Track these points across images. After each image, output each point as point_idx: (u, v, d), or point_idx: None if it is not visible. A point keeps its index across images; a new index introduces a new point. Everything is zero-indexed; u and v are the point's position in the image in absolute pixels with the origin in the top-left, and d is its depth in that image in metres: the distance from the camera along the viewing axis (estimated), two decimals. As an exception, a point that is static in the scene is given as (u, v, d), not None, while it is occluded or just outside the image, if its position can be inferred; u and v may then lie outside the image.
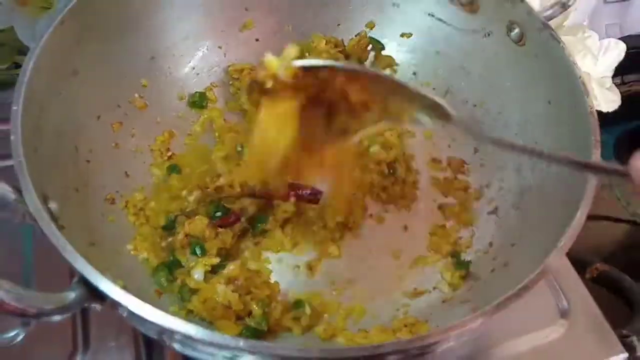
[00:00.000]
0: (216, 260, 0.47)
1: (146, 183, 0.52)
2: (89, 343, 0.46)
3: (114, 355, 0.45)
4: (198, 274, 0.46)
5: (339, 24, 0.61)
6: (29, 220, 0.36)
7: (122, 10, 0.50)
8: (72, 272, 0.34)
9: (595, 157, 0.41)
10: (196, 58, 0.58)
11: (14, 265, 0.49)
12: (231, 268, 0.46)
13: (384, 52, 0.60)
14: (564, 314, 0.50)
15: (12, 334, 0.45)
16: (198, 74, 0.59)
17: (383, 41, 0.61)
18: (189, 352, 0.36)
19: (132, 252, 0.47)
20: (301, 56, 0.41)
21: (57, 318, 0.33)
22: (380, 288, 0.49)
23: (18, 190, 0.36)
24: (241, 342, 0.32)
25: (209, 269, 0.46)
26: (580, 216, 0.38)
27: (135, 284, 0.43)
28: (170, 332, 0.32)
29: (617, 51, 0.63)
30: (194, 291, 0.45)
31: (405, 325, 0.44)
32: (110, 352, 0.46)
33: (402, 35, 0.60)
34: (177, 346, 0.36)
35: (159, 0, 0.53)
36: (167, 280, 0.46)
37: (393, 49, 0.61)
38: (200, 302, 0.44)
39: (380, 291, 0.49)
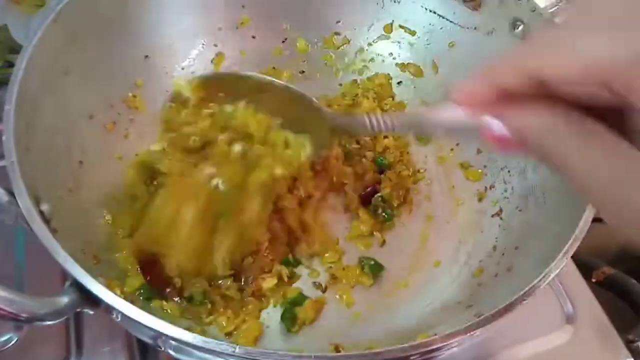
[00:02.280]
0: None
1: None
2: (82, 347, 0.45)
3: (108, 360, 0.45)
4: None
5: (338, 21, 0.60)
6: (21, 222, 0.35)
7: (116, 7, 0.50)
8: (65, 275, 0.34)
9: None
10: (191, 56, 0.58)
11: (7, 268, 0.48)
12: None
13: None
14: (569, 318, 0.49)
15: (4, 338, 0.45)
16: (193, 72, 0.58)
17: (383, 39, 0.60)
18: (183, 357, 0.36)
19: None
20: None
21: (49, 322, 0.33)
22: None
23: (10, 192, 0.36)
24: (237, 348, 0.31)
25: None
26: (586, 218, 0.38)
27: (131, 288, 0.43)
28: (165, 337, 0.32)
29: (623, 49, 0.62)
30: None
31: (407, 330, 0.43)
32: (103, 356, 0.45)
33: (403, 32, 0.59)
34: (171, 351, 0.35)
35: (154, -3, 0.53)
36: None
37: (393, 47, 0.60)
38: None
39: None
